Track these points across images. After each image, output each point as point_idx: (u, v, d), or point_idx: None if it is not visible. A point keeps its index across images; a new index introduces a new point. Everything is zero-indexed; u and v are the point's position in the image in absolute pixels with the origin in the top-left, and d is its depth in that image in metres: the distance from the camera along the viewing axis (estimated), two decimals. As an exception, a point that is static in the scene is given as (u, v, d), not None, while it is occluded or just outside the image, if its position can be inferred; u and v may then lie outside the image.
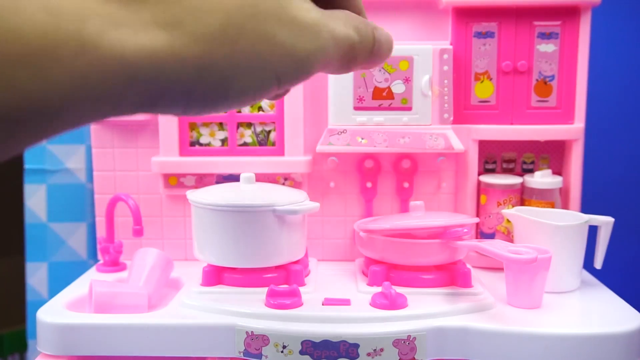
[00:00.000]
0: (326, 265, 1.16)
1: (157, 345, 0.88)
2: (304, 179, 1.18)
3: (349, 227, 1.19)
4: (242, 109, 1.17)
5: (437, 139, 1.12)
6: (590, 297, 1.00)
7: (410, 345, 0.86)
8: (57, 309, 0.94)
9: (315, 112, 1.17)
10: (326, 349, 0.85)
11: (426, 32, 1.15)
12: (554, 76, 1.14)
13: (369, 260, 1.06)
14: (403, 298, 0.92)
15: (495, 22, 1.13)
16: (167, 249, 1.20)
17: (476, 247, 0.94)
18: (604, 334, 0.85)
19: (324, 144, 1.12)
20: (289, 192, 1.05)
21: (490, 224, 1.15)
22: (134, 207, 1.08)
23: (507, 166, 1.20)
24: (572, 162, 1.14)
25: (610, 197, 1.41)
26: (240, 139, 1.17)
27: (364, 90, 1.12)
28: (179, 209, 1.20)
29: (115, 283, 1.00)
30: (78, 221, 1.36)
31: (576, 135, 1.13)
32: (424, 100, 1.12)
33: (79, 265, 1.35)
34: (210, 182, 1.18)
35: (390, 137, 1.12)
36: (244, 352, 0.87)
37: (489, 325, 0.87)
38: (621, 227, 1.16)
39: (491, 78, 1.15)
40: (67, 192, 1.35)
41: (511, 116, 1.15)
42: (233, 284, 1.00)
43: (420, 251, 1.00)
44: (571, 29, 1.12)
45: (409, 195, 1.19)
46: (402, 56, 1.11)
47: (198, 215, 1.02)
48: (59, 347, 0.90)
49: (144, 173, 1.19)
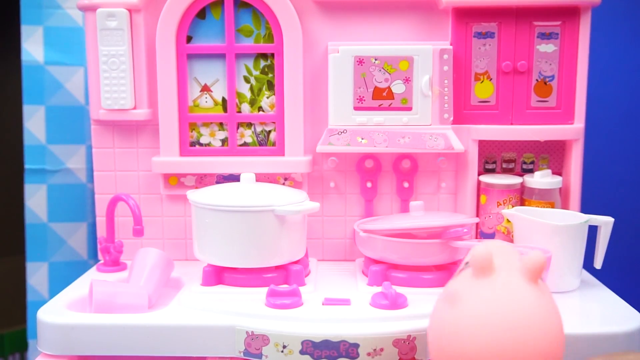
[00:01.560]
0: (326, 265, 1.16)
1: (157, 345, 0.88)
2: (304, 179, 1.18)
3: (349, 227, 1.20)
4: (242, 109, 1.17)
5: (437, 139, 1.12)
6: (590, 297, 1.00)
7: (410, 345, 0.86)
8: (58, 309, 0.94)
9: (315, 112, 1.17)
10: (326, 349, 0.85)
11: (426, 32, 1.15)
12: (554, 76, 1.14)
13: (369, 260, 1.06)
14: (403, 298, 0.92)
15: (495, 22, 1.13)
16: (167, 249, 1.20)
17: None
18: (604, 334, 0.85)
19: (324, 144, 1.12)
20: (289, 192, 1.05)
21: (490, 224, 1.15)
22: (135, 207, 1.08)
23: (507, 166, 1.20)
24: (572, 162, 1.14)
25: (610, 197, 1.41)
26: (240, 139, 1.18)
27: (364, 90, 1.12)
28: (179, 209, 1.20)
29: (115, 283, 1.00)
30: (78, 221, 1.36)
31: (576, 135, 1.14)
32: (424, 100, 1.12)
33: (80, 265, 1.35)
34: (210, 182, 1.18)
35: (390, 137, 1.12)
36: (244, 352, 0.87)
37: (489, 325, 0.87)
38: (621, 227, 1.16)
39: (491, 78, 1.15)
40: (67, 192, 1.35)
41: (511, 116, 1.15)
42: (233, 284, 1.00)
43: (420, 251, 1.00)
44: (571, 29, 1.12)
45: (409, 195, 1.19)
46: (402, 56, 1.11)
47: (198, 215, 1.02)
48: (59, 347, 0.90)
49: (144, 173, 1.19)
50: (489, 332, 0.62)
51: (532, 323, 0.62)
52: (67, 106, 1.34)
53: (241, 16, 1.15)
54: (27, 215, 1.35)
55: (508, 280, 0.65)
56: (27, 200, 1.35)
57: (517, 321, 0.62)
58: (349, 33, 1.15)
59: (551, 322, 0.63)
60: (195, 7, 1.13)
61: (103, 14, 1.12)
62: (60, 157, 1.35)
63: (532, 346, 0.61)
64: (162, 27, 1.13)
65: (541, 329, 0.63)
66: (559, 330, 0.64)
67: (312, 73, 1.16)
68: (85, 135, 1.34)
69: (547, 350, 0.62)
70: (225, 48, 1.15)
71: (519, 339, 0.62)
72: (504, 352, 0.61)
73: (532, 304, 0.63)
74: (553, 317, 0.64)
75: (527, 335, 0.62)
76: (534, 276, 0.64)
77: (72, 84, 1.34)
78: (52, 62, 1.33)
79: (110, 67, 1.13)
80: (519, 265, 0.66)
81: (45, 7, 1.32)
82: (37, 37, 1.32)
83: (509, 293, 0.64)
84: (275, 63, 1.15)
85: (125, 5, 1.12)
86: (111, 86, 1.14)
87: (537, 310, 0.63)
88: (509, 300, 0.63)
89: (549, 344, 0.62)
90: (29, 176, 1.34)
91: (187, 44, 1.15)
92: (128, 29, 1.13)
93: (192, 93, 1.17)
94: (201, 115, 1.17)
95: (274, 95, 1.16)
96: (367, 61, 1.12)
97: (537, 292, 0.64)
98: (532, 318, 0.62)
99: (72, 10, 1.32)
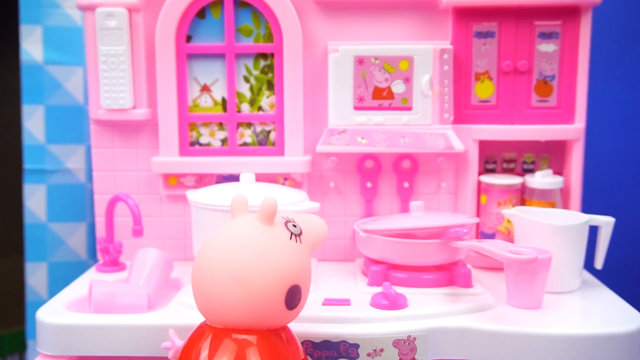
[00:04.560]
0: (326, 265, 1.16)
1: (157, 345, 0.88)
2: (304, 179, 1.18)
3: (349, 227, 1.19)
4: (241, 109, 1.17)
5: (437, 139, 1.12)
6: (590, 297, 1.00)
7: (410, 345, 0.86)
8: (57, 309, 0.94)
9: (315, 112, 1.17)
10: (326, 349, 0.85)
11: (426, 32, 1.15)
12: (555, 76, 1.14)
13: (369, 260, 1.05)
14: (403, 298, 0.91)
15: (496, 22, 1.13)
16: (167, 249, 1.19)
17: (476, 247, 0.94)
18: (604, 334, 0.85)
19: (324, 144, 1.12)
20: (289, 192, 1.05)
21: (491, 224, 1.15)
22: (134, 207, 1.08)
23: (508, 166, 1.20)
24: (573, 162, 1.14)
25: (611, 197, 1.41)
26: (240, 139, 1.17)
27: (364, 90, 1.12)
28: (179, 209, 1.19)
29: (115, 283, 1.00)
30: (78, 221, 1.36)
31: (576, 135, 1.13)
32: (424, 100, 1.12)
33: (79, 266, 1.35)
34: (210, 182, 1.18)
35: (390, 137, 1.12)
36: (243, 353, 0.87)
37: (489, 326, 0.87)
38: (622, 227, 1.16)
39: (491, 78, 1.14)
40: (66, 192, 1.35)
41: (511, 116, 1.15)
42: (233, 284, 1.00)
43: (420, 251, 1.00)
44: (572, 29, 1.12)
45: (409, 195, 1.18)
46: (402, 56, 1.11)
47: (198, 216, 1.02)
48: (59, 347, 0.90)
49: (144, 173, 1.19)
50: (211, 256, 0.74)
51: (244, 251, 0.73)
52: (66, 106, 1.34)
53: (241, 16, 1.14)
54: (26, 216, 1.35)
55: (245, 218, 0.77)
56: (26, 200, 1.34)
57: (230, 247, 0.74)
58: (349, 33, 1.15)
59: (263, 254, 0.73)
60: (194, 6, 1.13)
61: (102, 14, 1.12)
62: (60, 157, 1.34)
63: (242, 270, 0.72)
64: (161, 26, 1.12)
65: (251, 256, 0.73)
66: (269, 261, 0.73)
67: (312, 73, 1.16)
68: (85, 135, 1.34)
69: (258, 276, 0.72)
70: (225, 48, 1.14)
71: (234, 264, 0.73)
72: (222, 273, 0.73)
73: (247, 234, 0.75)
74: (267, 251, 0.73)
75: (238, 262, 0.73)
76: (264, 217, 0.75)
77: (72, 84, 1.34)
78: (51, 62, 1.33)
79: (109, 66, 1.13)
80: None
81: (44, 6, 1.31)
82: (37, 36, 1.32)
83: (236, 226, 0.76)
84: (275, 63, 1.15)
85: (125, 4, 1.12)
86: (110, 86, 1.14)
87: (249, 240, 0.74)
88: (232, 231, 0.76)
89: (261, 273, 0.72)
90: (28, 176, 1.34)
91: (187, 43, 1.14)
92: (127, 29, 1.13)
93: (192, 93, 1.16)
94: (201, 115, 1.16)
95: (273, 95, 1.16)
96: (367, 61, 1.12)
97: (261, 229, 0.75)
98: (246, 248, 0.73)
99: (71, 10, 1.32)
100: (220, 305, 0.73)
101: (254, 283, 0.72)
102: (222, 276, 0.73)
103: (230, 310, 0.73)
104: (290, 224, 0.77)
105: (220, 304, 0.73)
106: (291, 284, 0.74)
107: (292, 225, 0.77)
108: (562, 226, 1.00)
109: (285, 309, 0.74)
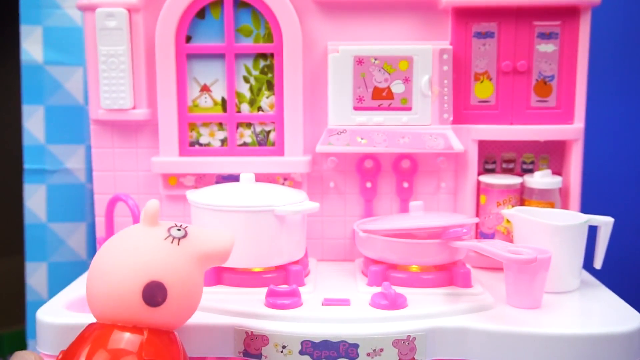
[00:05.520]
0: (326, 265, 1.16)
1: (156, 345, 0.88)
2: (304, 179, 1.18)
3: (349, 227, 1.19)
4: (241, 109, 1.17)
5: (437, 139, 1.12)
6: (590, 297, 1.00)
7: (410, 345, 0.86)
8: (57, 309, 0.94)
9: (315, 112, 1.17)
10: (326, 349, 0.85)
11: (426, 32, 1.15)
12: (554, 76, 1.14)
13: (369, 260, 1.06)
14: (403, 298, 0.92)
15: (495, 22, 1.13)
16: (167, 249, 1.19)
17: (476, 247, 0.94)
18: (603, 334, 0.85)
19: (323, 144, 1.12)
20: (289, 192, 1.05)
21: (490, 224, 1.15)
22: (134, 207, 1.08)
23: (507, 166, 1.20)
24: (572, 162, 1.14)
25: (610, 197, 1.41)
26: (240, 139, 1.18)
27: (364, 90, 1.12)
28: (179, 209, 1.20)
29: (114, 283, 1.00)
30: (78, 221, 1.36)
31: (576, 135, 1.13)
32: (423, 100, 1.12)
33: (79, 266, 1.35)
34: (210, 182, 1.18)
35: (390, 137, 1.12)
36: (243, 352, 0.87)
37: (489, 326, 0.87)
38: (621, 227, 1.16)
39: (491, 78, 1.15)
40: (66, 192, 1.35)
41: (511, 116, 1.15)
42: (233, 284, 1.00)
43: (420, 251, 1.00)
44: (571, 29, 1.12)
45: (409, 195, 1.19)
46: (402, 56, 1.11)
47: (197, 216, 1.02)
48: (59, 347, 0.89)
49: (144, 173, 1.19)
50: (103, 258, 0.77)
51: (108, 245, 0.78)
52: (66, 106, 1.34)
53: (241, 16, 1.14)
54: (26, 216, 1.35)
55: (136, 226, 0.80)
56: (26, 200, 1.34)
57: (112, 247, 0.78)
58: (349, 33, 1.15)
59: (136, 252, 0.76)
60: (194, 6, 1.13)
61: (102, 14, 1.12)
62: (60, 157, 1.35)
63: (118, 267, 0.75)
64: (161, 27, 1.13)
65: (112, 249, 0.77)
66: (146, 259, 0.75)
67: (312, 73, 1.16)
68: (85, 135, 1.34)
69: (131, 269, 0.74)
70: (225, 48, 1.14)
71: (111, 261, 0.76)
72: (92, 267, 0.77)
73: (124, 232, 0.79)
74: (128, 246, 0.76)
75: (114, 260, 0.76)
76: (144, 218, 0.78)
77: (71, 84, 1.34)
78: (51, 62, 1.33)
79: (109, 67, 1.13)
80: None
81: (44, 7, 1.32)
82: (36, 37, 1.32)
83: (126, 232, 0.80)
84: (275, 63, 1.15)
85: (125, 5, 1.12)
86: (110, 86, 1.14)
87: (119, 236, 0.78)
88: (121, 236, 0.79)
89: (117, 265, 0.75)
90: (28, 176, 1.34)
91: (187, 43, 1.15)
92: (127, 29, 1.13)
93: (192, 93, 1.17)
94: (200, 115, 1.16)
95: (273, 95, 1.16)
96: (366, 61, 1.12)
97: (140, 229, 0.78)
98: (110, 242, 0.78)
99: (71, 10, 1.32)
100: (89, 297, 0.77)
101: (111, 274, 0.74)
102: (92, 269, 0.77)
103: (94, 302, 0.76)
104: (174, 229, 0.78)
105: (89, 297, 0.77)
106: (150, 279, 0.74)
107: (177, 230, 0.78)
108: (562, 226, 1.00)
109: (145, 305, 0.74)
